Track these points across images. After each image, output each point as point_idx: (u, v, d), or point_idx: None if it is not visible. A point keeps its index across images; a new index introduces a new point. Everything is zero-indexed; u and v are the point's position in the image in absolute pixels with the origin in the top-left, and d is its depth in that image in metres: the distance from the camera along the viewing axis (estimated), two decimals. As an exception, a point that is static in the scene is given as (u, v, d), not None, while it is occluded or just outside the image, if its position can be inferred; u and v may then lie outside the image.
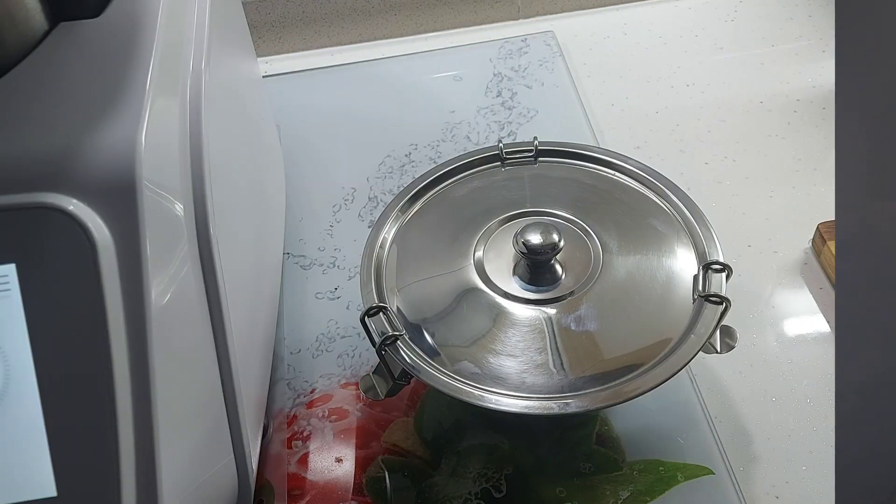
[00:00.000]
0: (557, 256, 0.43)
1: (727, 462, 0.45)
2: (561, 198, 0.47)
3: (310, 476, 0.46)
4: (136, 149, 0.32)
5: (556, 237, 0.42)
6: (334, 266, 0.57)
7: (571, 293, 0.43)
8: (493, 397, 0.39)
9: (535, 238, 0.42)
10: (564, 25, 0.76)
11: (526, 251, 0.42)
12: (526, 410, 0.38)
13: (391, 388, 0.43)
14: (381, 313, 0.42)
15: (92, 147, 0.32)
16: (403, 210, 0.48)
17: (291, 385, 0.51)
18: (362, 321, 0.42)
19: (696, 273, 0.43)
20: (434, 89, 0.70)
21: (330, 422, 0.49)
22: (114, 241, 0.31)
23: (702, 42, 0.73)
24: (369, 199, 0.62)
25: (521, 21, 0.78)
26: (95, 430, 0.31)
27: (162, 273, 0.33)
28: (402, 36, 0.78)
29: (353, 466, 0.46)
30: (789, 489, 0.44)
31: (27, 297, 0.31)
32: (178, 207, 0.35)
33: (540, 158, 0.50)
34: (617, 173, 0.49)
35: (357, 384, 0.50)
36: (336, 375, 0.51)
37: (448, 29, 0.78)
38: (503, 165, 0.50)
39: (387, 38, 0.78)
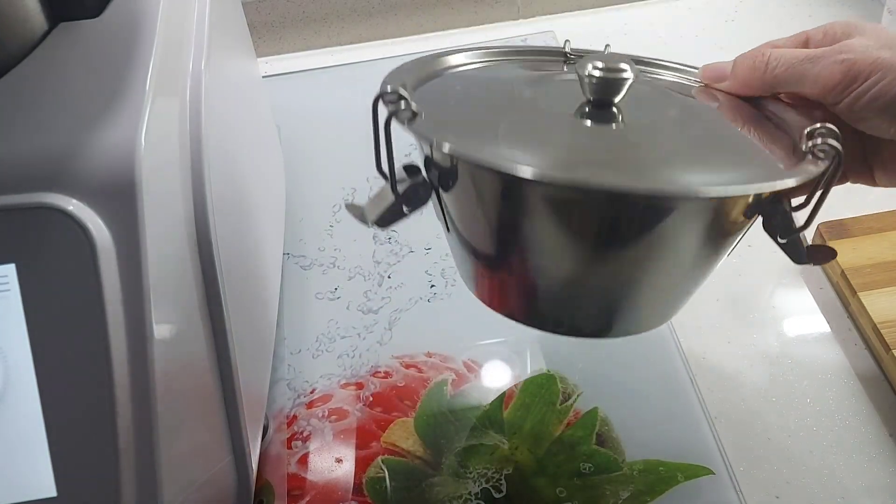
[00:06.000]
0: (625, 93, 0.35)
1: (727, 462, 0.45)
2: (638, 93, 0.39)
3: (310, 476, 0.46)
4: (136, 149, 0.32)
5: (628, 69, 0.34)
6: (334, 266, 0.57)
7: (640, 120, 0.35)
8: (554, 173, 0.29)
9: (601, 63, 0.34)
10: (564, 25, 0.76)
11: (588, 77, 0.34)
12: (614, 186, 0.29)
13: (387, 210, 0.34)
14: (401, 101, 0.33)
15: (92, 147, 0.32)
16: (444, 57, 0.40)
17: (291, 385, 0.51)
18: (374, 107, 0.33)
19: (800, 136, 0.34)
20: (434, 89, 0.70)
21: (330, 422, 0.49)
22: (114, 241, 0.31)
23: (702, 42, 0.73)
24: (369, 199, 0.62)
25: (521, 21, 0.78)
26: (95, 430, 0.31)
27: (161, 273, 0.33)
28: (402, 36, 0.78)
29: (353, 466, 0.46)
30: (789, 489, 0.44)
31: (27, 297, 0.31)
32: (178, 207, 0.35)
33: None
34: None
35: (357, 384, 0.50)
36: (336, 376, 0.51)
37: (448, 29, 0.78)
38: (567, 63, 0.42)
39: (387, 38, 0.78)
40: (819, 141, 0.33)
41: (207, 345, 0.37)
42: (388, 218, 0.34)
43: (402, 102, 0.32)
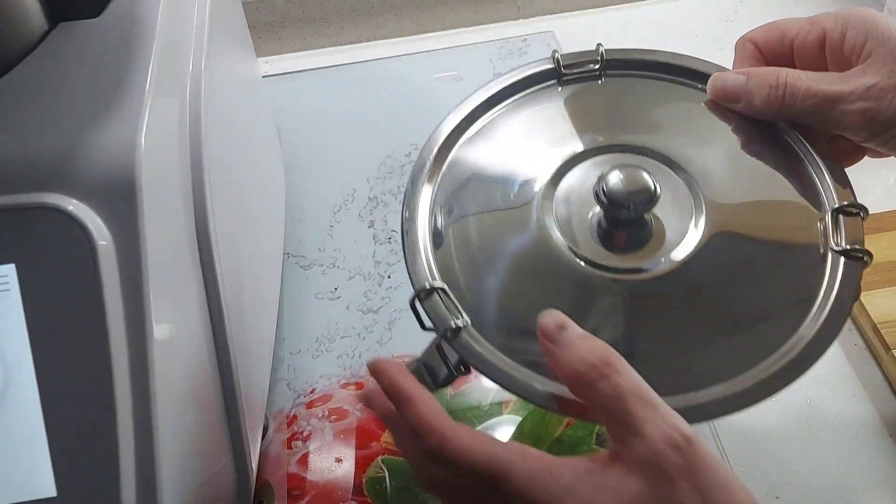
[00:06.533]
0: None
1: (727, 462, 0.45)
2: (641, 125, 0.38)
3: (310, 476, 0.46)
4: (136, 149, 0.32)
5: (650, 184, 0.33)
6: (334, 266, 0.57)
7: (669, 259, 0.34)
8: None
9: (622, 185, 0.33)
10: (564, 25, 0.76)
11: (610, 204, 0.33)
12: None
13: (445, 379, 0.36)
14: (435, 294, 0.34)
15: (92, 147, 0.32)
16: (439, 160, 0.39)
17: (291, 385, 0.51)
18: (412, 306, 0.34)
19: (823, 219, 0.34)
20: (434, 89, 0.70)
21: (330, 422, 0.49)
22: (114, 241, 0.31)
23: (702, 42, 0.73)
24: (369, 199, 0.62)
25: (521, 21, 0.78)
26: (95, 430, 0.31)
27: (161, 273, 0.33)
28: (402, 36, 0.78)
29: (353, 466, 0.46)
30: (789, 490, 0.44)
31: (27, 297, 0.31)
32: (178, 207, 0.35)
33: (608, 72, 0.40)
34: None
35: (357, 384, 0.50)
36: (336, 376, 0.51)
37: (448, 29, 0.78)
38: (560, 83, 0.41)
39: (387, 38, 0.78)
40: (849, 246, 0.33)
41: (207, 345, 0.37)
42: (446, 382, 0.36)
43: (441, 299, 0.34)
